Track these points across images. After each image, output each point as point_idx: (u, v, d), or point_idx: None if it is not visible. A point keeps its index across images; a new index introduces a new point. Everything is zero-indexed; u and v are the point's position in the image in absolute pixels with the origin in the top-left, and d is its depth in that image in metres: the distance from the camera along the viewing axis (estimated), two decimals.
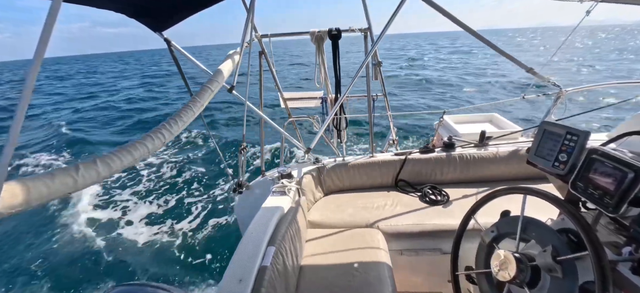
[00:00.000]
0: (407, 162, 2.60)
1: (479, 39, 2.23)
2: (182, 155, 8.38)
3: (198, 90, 1.42)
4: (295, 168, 2.57)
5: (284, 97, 2.66)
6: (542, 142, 1.08)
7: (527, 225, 1.01)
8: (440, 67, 24.09)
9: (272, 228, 1.61)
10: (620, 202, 0.79)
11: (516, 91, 13.75)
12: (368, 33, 2.16)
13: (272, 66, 2.46)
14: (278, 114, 8.34)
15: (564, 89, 2.67)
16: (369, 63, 2.33)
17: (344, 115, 2.71)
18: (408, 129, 8.64)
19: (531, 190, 0.99)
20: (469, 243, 1.40)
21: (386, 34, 2.04)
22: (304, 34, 2.26)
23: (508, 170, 2.60)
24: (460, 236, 1.33)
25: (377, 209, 2.31)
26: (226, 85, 1.76)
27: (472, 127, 3.52)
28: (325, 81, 2.51)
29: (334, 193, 2.66)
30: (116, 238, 5.06)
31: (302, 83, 19.12)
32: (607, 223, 0.97)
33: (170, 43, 1.82)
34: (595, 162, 0.88)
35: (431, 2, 1.96)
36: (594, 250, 0.75)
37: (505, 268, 0.99)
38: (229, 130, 10.02)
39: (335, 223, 2.21)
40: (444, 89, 15.54)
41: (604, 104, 2.70)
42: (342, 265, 1.78)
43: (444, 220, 2.11)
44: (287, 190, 2.07)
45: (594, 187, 0.87)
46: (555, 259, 0.87)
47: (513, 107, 9.57)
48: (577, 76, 16.15)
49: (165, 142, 1.09)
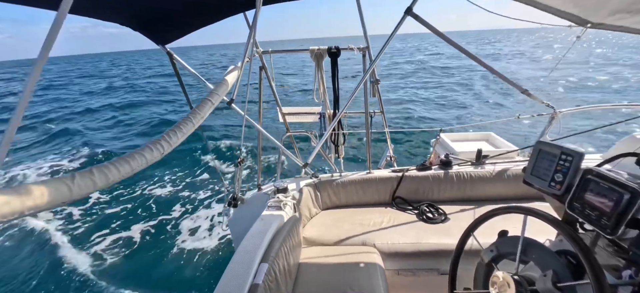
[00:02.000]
0: (404, 179, 2.60)
1: (477, 62, 2.27)
2: (179, 166, 8.31)
3: (198, 103, 1.43)
4: (292, 183, 2.55)
5: (282, 111, 2.68)
6: (537, 162, 1.09)
7: (527, 246, 0.99)
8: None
9: (265, 245, 1.58)
10: (618, 223, 0.79)
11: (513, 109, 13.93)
12: (366, 52, 2.21)
13: (271, 81, 2.48)
14: (276, 128, 8.39)
15: (558, 110, 2.72)
16: (367, 80, 2.36)
17: (342, 131, 2.72)
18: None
19: (531, 211, 0.98)
20: (467, 264, 1.37)
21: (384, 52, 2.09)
22: (304, 50, 2.31)
23: (505, 190, 2.60)
24: (458, 255, 1.31)
25: (374, 226, 2.28)
26: (225, 99, 1.77)
27: (468, 145, 3.55)
28: (323, 97, 2.53)
29: (330, 209, 2.63)
30: (103, 253, 4.92)
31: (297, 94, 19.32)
32: (605, 245, 0.96)
33: (172, 56, 1.85)
34: (590, 182, 0.88)
35: (426, 23, 2.01)
36: (595, 275, 0.73)
37: (505, 291, 0.96)
38: (226, 143, 9.99)
39: (331, 240, 2.17)
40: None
41: (597, 125, 2.76)
42: (337, 283, 1.73)
43: (442, 239, 2.09)
44: (282, 205, 2.04)
45: (590, 207, 0.87)
46: (556, 285, 0.85)
47: (508, 125, 9.68)
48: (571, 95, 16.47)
49: (164, 153, 1.08)
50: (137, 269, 4.49)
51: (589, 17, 2.02)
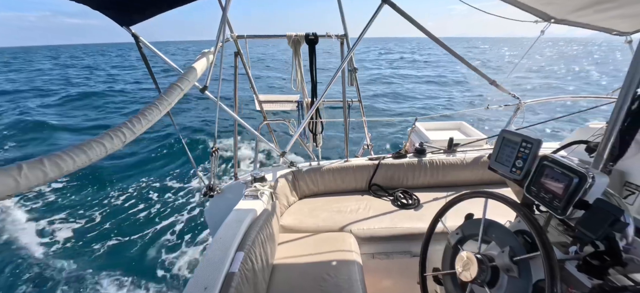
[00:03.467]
0: (381, 167, 2.66)
1: (449, 51, 2.34)
2: (148, 156, 7.95)
3: (166, 88, 1.36)
4: (270, 172, 2.53)
5: (259, 99, 2.62)
6: (501, 149, 1.15)
7: (488, 227, 1.06)
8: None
9: (242, 233, 1.57)
10: (567, 205, 0.86)
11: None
12: (344, 39, 2.20)
13: (247, 67, 2.41)
14: (253, 116, 8.22)
15: (523, 101, 2.88)
16: (345, 69, 2.36)
17: (320, 119, 2.72)
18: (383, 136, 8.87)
19: (491, 194, 1.05)
20: (437, 246, 1.45)
21: (363, 39, 2.09)
22: (281, 36, 2.25)
23: (474, 175, 2.74)
24: (428, 239, 1.38)
25: (351, 213, 2.33)
26: (198, 85, 1.70)
27: (441, 134, 3.69)
28: (301, 85, 2.51)
29: (308, 197, 2.65)
30: (67, 248, 4.66)
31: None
32: (557, 225, 1.05)
33: (139, 39, 1.73)
34: (546, 168, 0.95)
35: (403, 13, 2.03)
36: (545, 250, 0.80)
37: (468, 268, 1.03)
38: (201, 132, 9.66)
39: (308, 228, 2.20)
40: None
41: (558, 115, 3.00)
42: (313, 270, 1.77)
43: (415, 223, 2.18)
44: (259, 194, 2.03)
45: (545, 191, 0.94)
46: (512, 259, 0.92)
47: (479, 115, 10.16)
48: (536, 88, 17.55)
49: (126, 142, 1.02)
50: (108, 262, 4.31)
51: (553, 13, 2.14)
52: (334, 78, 2.03)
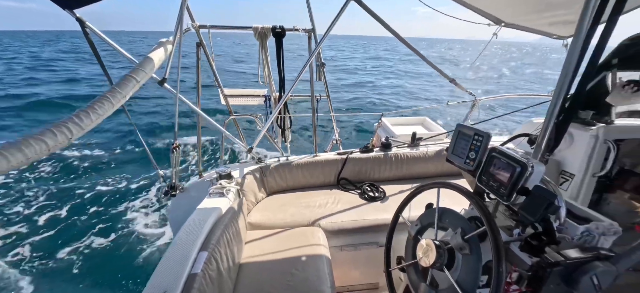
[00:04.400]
0: (349, 161, 2.72)
1: (413, 50, 2.45)
2: (101, 153, 7.31)
3: (119, 80, 1.26)
4: (236, 169, 2.46)
5: (224, 93, 2.53)
6: (456, 142, 1.23)
7: (443, 214, 1.14)
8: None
9: (205, 233, 1.51)
10: (511, 191, 0.95)
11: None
12: (312, 34, 2.19)
13: (211, 60, 2.31)
14: (219, 111, 7.90)
15: (478, 98, 3.11)
16: (312, 64, 2.36)
17: (289, 114, 2.70)
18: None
19: (444, 184, 1.12)
20: (401, 236, 1.52)
21: (330, 34, 2.10)
22: (247, 28, 2.18)
23: (435, 168, 2.91)
24: (391, 232, 1.44)
25: (319, 208, 2.36)
26: (156, 77, 1.59)
27: (406, 129, 3.86)
28: (269, 79, 2.46)
29: (277, 193, 2.63)
30: (22, 256, 4.15)
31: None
32: (504, 210, 1.15)
33: (85, 24, 1.57)
34: (494, 158, 1.04)
35: (369, 10, 2.08)
36: (492, 234, 0.88)
37: (428, 255, 1.10)
38: (163, 127, 9.08)
39: (276, 224, 2.18)
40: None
41: (509, 111, 3.31)
42: (282, 265, 1.76)
43: (381, 215, 2.26)
44: (225, 192, 1.96)
45: (493, 180, 1.03)
46: (464, 238, 1.00)
47: (439, 111, 10.79)
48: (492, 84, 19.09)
49: (72, 139, 0.92)
50: (63, 268, 3.91)
51: (503, 17, 2.33)
52: (301, 72, 2.02)
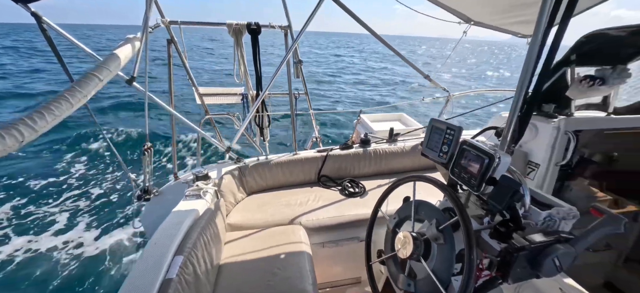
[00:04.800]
0: (329, 158, 2.73)
1: (389, 48, 2.49)
2: (64, 158, 6.85)
3: (79, 78, 1.18)
4: (214, 169, 2.40)
5: (199, 92, 2.44)
6: (430, 137, 1.27)
7: (419, 207, 1.17)
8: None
9: (181, 236, 1.46)
10: (481, 182, 1.00)
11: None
12: (288, 30, 2.17)
13: (184, 57, 2.22)
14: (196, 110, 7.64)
15: (452, 93, 3.23)
16: (290, 61, 2.34)
17: (267, 112, 2.66)
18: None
19: (420, 178, 1.16)
20: (381, 230, 1.55)
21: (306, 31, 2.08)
22: (221, 25, 2.12)
23: (412, 162, 2.99)
24: (371, 226, 1.46)
25: (300, 205, 2.35)
26: (123, 76, 1.51)
27: (385, 125, 3.93)
28: (245, 77, 2.41)
29: (256, 193, 2.59)
30: None
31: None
32: (475, 201, 1.20)
33: (41, 19, 1.45)
34: (465, 151, 1.09)
35: (344, 6, 2.09)
36: (464, 223, 0.92)
37: (405, 246, 1.13)
38: (136, 129, 8.64)
39: (257, 224, 2.15)
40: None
41: (481, 105, 3.49)
42: (262, 265, 1.74)
43: (361, 210, 2.30)
44: (202, 193, 1.91)
45: (465, 171, 1.08)
46: (438, 229, 1.03)
47: (416, 106, 11.11)
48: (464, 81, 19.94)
49: (24, 142, 0.85)
50: (30, 282, 3.62)
51: (472, 16, 2.43)
52: (278, 70, 2.00)
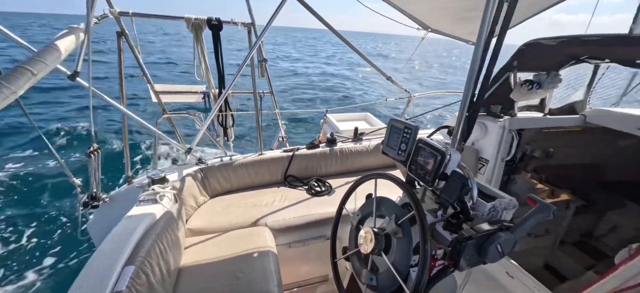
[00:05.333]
0: (295, 158, 2.72)
1: (351, 48, 2.55)
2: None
3: (8, 72, 1.05)
4: (174, 172, 2.26)
5: (155, 89, 2.28)
6: (390, 136, 1.33)
7: (380, 203, 1.22)
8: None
9: (132, 244, 1.35)
10: (434, 177, 1.07)
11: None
12: (251, 28, 2.12)
13: (136, 52, 2.07)
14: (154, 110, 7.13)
15: (412, 94, 3.40)
16: (254, 59, 2.29)
17: (231, 112, 2.57)
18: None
19: (380, 175, 1.20)
20: (347, 227, 1.58)
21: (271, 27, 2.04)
22: (178, 18, 2.00)
23: (377, 161, 3.09)
24: (336, 225, 1.48)
25: (266, 206, 2.31)
26: (65, 70, 1.37)
27: (350, 124, 4.02)
28: (206, 74, 2.30)
29: (220, 195, 2.50)
30: None
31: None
32: (431, 196, 1.28)
33: None
34: (420, 149, 1.15)
35: (310, 8, 2.10)
36: (418, 216, 0.97)
37: (367, 242, 1.16)
38: (82, 128, 7.84)
39: (220, 227, 2.07)
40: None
41: (440, 106, 3.72)
42: (225, 269, 1.68)
43: (328, 208, 2.32)
44: (159, 198, 1.79)
45: (420, 168, 1.14)
46: (397, 223, 1.08)
47: (380, 107, 11.52)
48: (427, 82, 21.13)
49: None
50: None
51: (429, 24, 2.58)
52: (241, 67, 1.94)
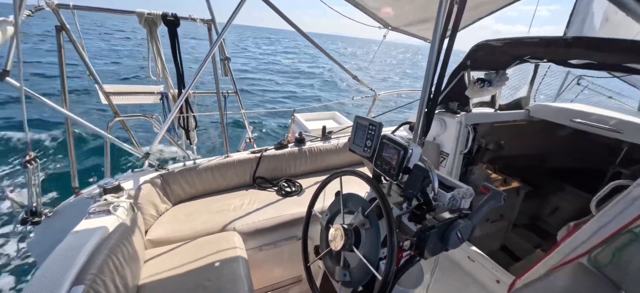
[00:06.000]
0: (263, 159, 2.66)
1: (316, 47, 2.55)
2: None
3: None
4: (129, 179, 2.09)
5: (104, 90, 2.08)
6: (356, 133, 1.35)
7: (348, 199, 1.23)
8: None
9: (81, 262, 1.22)
10: (398, 171, 1.10)
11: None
12: (212, 25, 2.02)
13: (81, 49, 1.87)
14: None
15: (377, 93, 3.50)
16: (216, 58, 2.19)
17: (193, 113, 2.44)
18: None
19: (346, 172, 1.21)
20: (318, 226, 1.57)
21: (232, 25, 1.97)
22: (129, 13, 1.84)
23: (346, 158, 3.14)
24: (306, 227, 1.47)
25: (234, 210, 2.23)
26: None
27: (318, 123, 4.03)
28: (164, 74, 2.16)
29: (184, 201, 2.36)
30: None
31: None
32: (396, 189, 1.32)
33: None
34: (385, 145, 1.18)
35: (273, 6, 2.06)
36: (384, 207, 0.99)
37: (338, 239, 1.16)
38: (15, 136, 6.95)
39: (184, 235, 1.96)
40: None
41: (404, 103, 3.89)
42: (191, 279, 1.59)
43: (298, 208, 2.30)
44: (112, 208, 1.63)
45: (385, 163, 1.17)
46: (364, 214, 1.10)
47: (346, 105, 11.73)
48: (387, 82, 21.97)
49: None
50: None
51: (390, 22, 2.66)
52: (202, 67, 1.84)
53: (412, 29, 2.61)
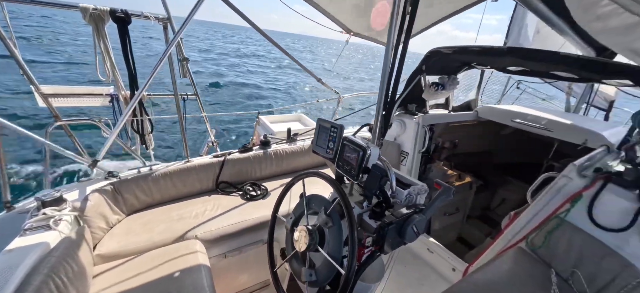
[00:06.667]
0: (227, 163, 2.58)
1: (280, 49, 2.54)
2: None
3: None
4: (73, 190, 1.90)
5: (40, 90, 1.86)
6: (319, 135, 1.37)
7: (311, 200, 1.24)
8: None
9: (14, 284, 1.08)
10: (358, 171, 1.14)
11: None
12: (168, 23, 1.92)
13: (12, 45, 1.66)
14: None
15: (342, 95, 3.57)
16: (173, 58, 2.08)
17: (148, 116, 2.29)
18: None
19: (309, 174, 1.23)
20: (284, 229, 1.56)
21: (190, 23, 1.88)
22: (71, 7, 1.67)
23: (311, 160, 3.16)
24: (272, 232, 1.46)
25: (195, 217, 2.13)
26: None
27: (284, 126, 4.01)
28: (113, 74, 1.99)
29: (140, 211, 2.20)
30: None
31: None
32: (358, 188, 1.36)
33: None
34: (346, 146, 1.22)
35: (235, 8, 2.01)
36: (346, 208, 1.02)
37: (302, 240, 1.17)
38: None
39: (140, 247, 1.82)
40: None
41: (367, 105, 4.03)
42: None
43: (264, 212, 2.26)
44: (53, 223, 1.47)
45: (347, 164, 1.21)
46: (326, 213, 1.12)
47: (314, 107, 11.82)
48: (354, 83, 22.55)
49: None
50: None
51: (352, 28, 2.75)
52: (157, 67, 1.74)
53: (372, 34, 2.71)
